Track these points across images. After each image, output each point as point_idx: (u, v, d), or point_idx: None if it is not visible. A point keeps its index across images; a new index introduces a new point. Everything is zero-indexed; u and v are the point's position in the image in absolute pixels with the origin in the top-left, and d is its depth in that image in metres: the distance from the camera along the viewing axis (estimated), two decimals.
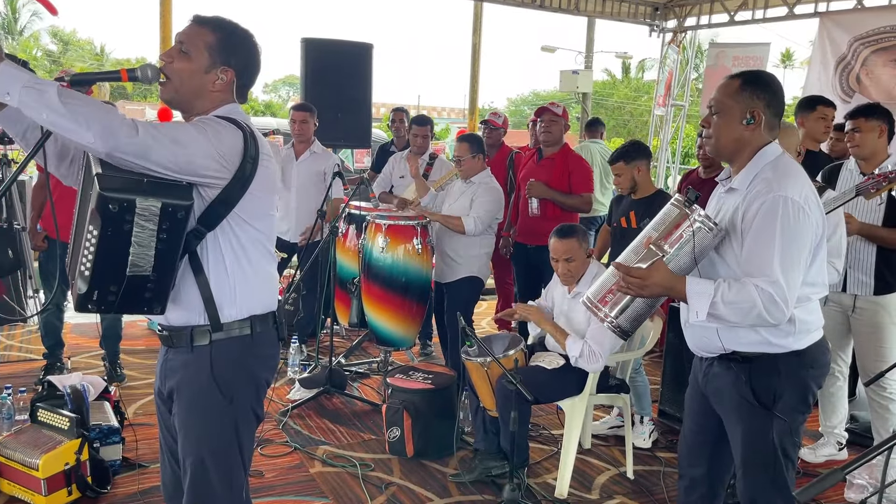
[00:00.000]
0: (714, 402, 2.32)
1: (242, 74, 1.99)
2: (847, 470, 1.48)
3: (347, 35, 17.95)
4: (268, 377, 2.10)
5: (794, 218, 2.01)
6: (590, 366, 3.34)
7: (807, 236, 2.05)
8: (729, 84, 2.18)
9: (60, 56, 34.74)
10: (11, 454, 3.08)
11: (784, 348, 2.16)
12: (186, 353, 1.97)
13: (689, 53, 9.98)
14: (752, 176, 2.13)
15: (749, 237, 2.06)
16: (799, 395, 2.20)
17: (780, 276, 1.99)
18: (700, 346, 2.31)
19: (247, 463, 2.07)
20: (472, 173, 4.45)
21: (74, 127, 1.65)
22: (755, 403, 2.17)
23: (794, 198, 2.02)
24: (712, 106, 2.20)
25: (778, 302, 1.98)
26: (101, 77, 2.03)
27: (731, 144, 2.18)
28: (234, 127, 1.89)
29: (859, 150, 3.53)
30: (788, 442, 2.20)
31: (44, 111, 1.65)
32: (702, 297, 2.03)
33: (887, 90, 6.68)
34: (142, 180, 1.77)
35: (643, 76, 38.32)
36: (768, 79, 2.20)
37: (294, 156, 5.06)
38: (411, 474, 3.59)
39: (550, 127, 4.78)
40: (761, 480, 2.22)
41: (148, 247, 1.77)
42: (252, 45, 2.02)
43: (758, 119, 2.13)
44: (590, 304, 2.26)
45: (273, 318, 2.05)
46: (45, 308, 4.45)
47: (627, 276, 2.08)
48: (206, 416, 1.99)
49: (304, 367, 4.89)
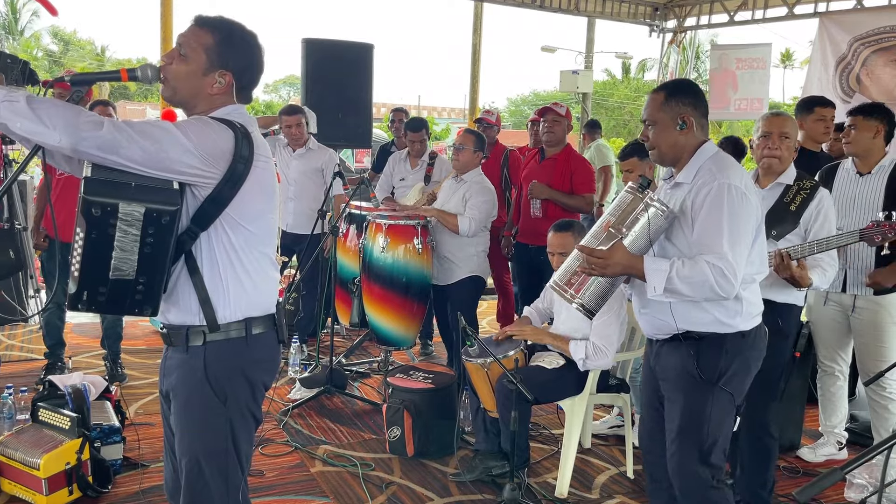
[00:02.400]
0: (660, 379, 2.50)
1: (242, 76, 1.99)
2: (847, 469, 1.49)
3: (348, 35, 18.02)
4: (265, 380, 2.08)
5: (737, 201, 2.23)
6: (598, 362, 3.35)
7: (749, 217, 2.27)
8: (655, 98, 2.41)
9: (61, 56, 34.75)
10: (12, 454, 3.08)
11: (732, 328, 2.36)
12: (182, 353, 1.98)
13: (689, 54, 9.99)
14: (695, 170, 2.35)
15: (699, 220, 2.26)
16: (740, 374, 2.40)
17: (727, 252, 2.18)
18: (655, 328, 2.49)
19: (244, 464, 2.06)
20: (467, 168, 4.45)
21: (42, 129, 1.69)
22: (699, 378, 2.35)
23: (736, 184, 2.25)
24: (646, 121, 2.43)
25: (727, 275, 2.17)
26: (101, 77, 2.04)
27: (670, 150, 2.39)
28: (224, 126, 1.88)
29: (851, 148, 3.52)
30: (719, 418, 2.38)
31: (17, 120, 1.69)
32: (659, 273, 2.21)
33: (887, 90, 6.68)
34: (130, 184, 1.76)
35: (643, 76, 38.32)
36: (688, 85, 2.46)
37: (291, 150, 5.08)
38: (412, 474, 3.60)
39: (553, 127, 4.78)
40: (690, 448, 2.38)
41: (130, 251, 1.77)
42: (252, 47, 2.00)
43: (689, 123, 2.35)
44: (557, 287, 2.41)
45: (272, 321, 2.04)
46: (45, 308, 4.45)
47: (590, 257, 2.26)
48: (201, 416, 1.99)
49: (305, 367, 4.89)
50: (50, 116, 1.69)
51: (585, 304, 2.37)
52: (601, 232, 2.33)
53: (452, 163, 4.53)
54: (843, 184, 3.57)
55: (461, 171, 4.46)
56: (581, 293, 2.36)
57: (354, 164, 11.76)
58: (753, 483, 3.10)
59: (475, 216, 4.32)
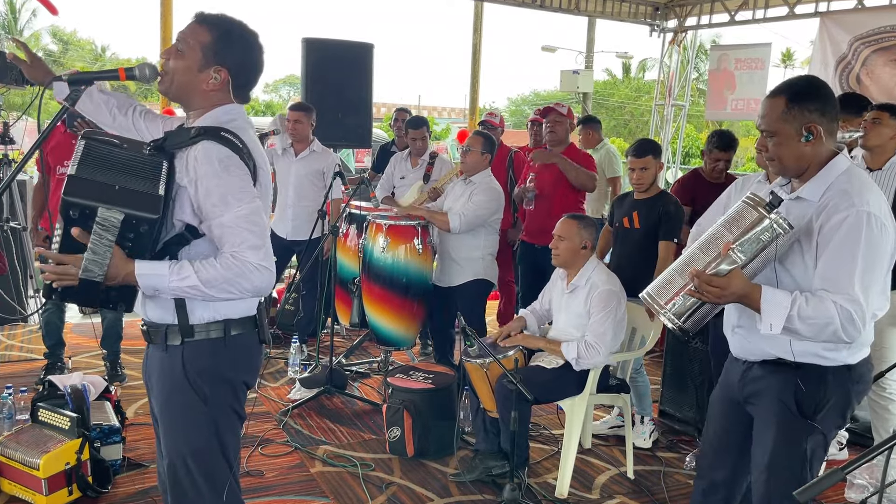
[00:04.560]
0: (750, 404, 2.26)
1: (238, 75, 1.98)
2: (847, 470, 1.48)
3: (348, 35, 18.01)
4: (247, 379, 2.07)
5: (877, 235, 1.94)
6: (591, 360, 3.34)
7: (887, 253, 1.99)
8: (774, 105, 2.06)
9: (61, 56, 34.73)
10: (12, 454, 3.08)
11: (835, 361, 2.10)
12: (162, 352, 1.98)
13: (689, 53, 9.99)
14: (824, 187, 2.03)
15: (828, 251, 1.97)
16: (840, 409, 2.14)
17: (860, 295, 1.92)
18: (746, 350, 2.24)
19: (232, 462, 2.05)
20: (475, 170, 4.37)
21: (231, 298, 1.88)
22: (796, 411, 2.11)
23: (877, 213, 1.96)
24: (763, 129, 2.11)
25: (856, 321, 1.92)
26: (99, 76, 2.03)
27: (795, 164, 2.08)
28: (232, 154, 1.87)
29: (869, 141, 3.53)
30: (817, 455, 2.14)
31: (200, 297, 1.86)
32: (778, 309, 1.94)
33: (887, 89, 6.68)
34: (114, 186, 1.75)
35: (643, 76, 38.31)
36: (814, 87, 2.08)
37: (293, 153, 5.06)
38: (411, 474, 3.59)
39: (555, 127, 4.78)
40: (783, 488, 2.13)
41: (103, 255, 1.74)
42: (250, 46, 2.00)
43: (816, 133, 2.03)
44: (651, 300, 2.13)
45: (253, 323, 2.03)
46: (44, 308, 4.44)
47: (707, 285, 1.97)
48: (182, 415, 1.98)
49: (305, 367, 4.89)
50: (228, 292, 1.83)
51: (684, 328, 2.09)
52: (713, 248, 2.02)
53: (461, 165, 4.48)
54: None
55: (469, 172, 4.40)
56: (684, 319, 2.07)
57: (354, 164, 11.75)
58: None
59: (465, 212, 4.23)
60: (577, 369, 3.38)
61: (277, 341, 5.41)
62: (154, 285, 1.81)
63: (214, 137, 1.86)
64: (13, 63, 2.34)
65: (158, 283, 1.80)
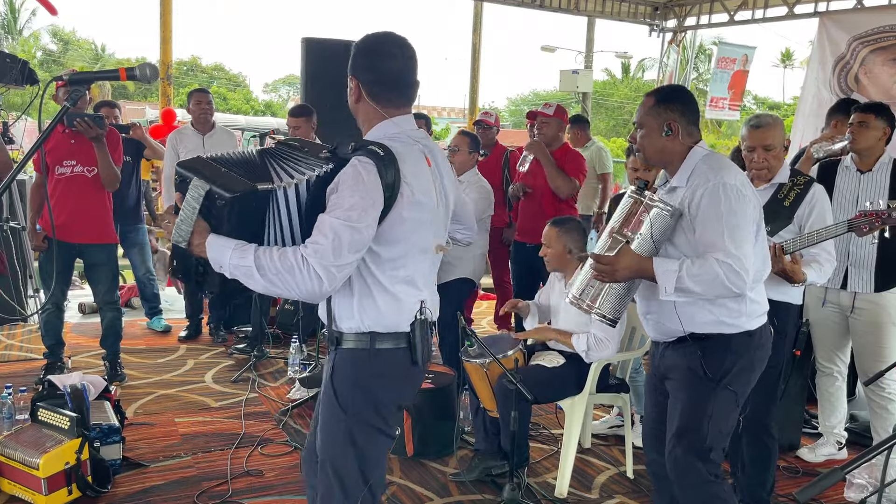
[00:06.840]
0: (668, 378, 2.52)
1: (371, 85, 1.98)
2: (847, 469, 1.48)
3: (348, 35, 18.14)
4: (395, 398, 2.05)
5: (734, 199, 2.25)
6: (601, 353, 3.36)
7: (748, 214, 2.28)
8: (645, 102, 2.45)
9: (60, 56, 34.76)
10: (12, 453, 3.08)
11: (737, 328, 2.39)
12: (332, 353, 2.05)
13: (689, 53, 9.99)
14: (688, 172, 2.37)
15: (699, 221, 2.28)
16: (745, 373, 2.43)
17: (733, 250, 2.19)
18: (660, 332, 2.51)
19: (369, 477, 2.02)
20: (464, 169, 4.44)
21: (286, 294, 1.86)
22: (704, 376, 2.38)
23: (731, 182, 2.27)
24: (635, 122, 2.49)
25: (738, 271, 2.18)
26: (99, 76, 2.03)
27: (656, 154, 2.45)
28: (369, 164, 1.85)
29: (856, 145, 3.52)
30: (722, 416, 2.40)
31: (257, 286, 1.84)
32: (669, 274, 2.22)
33: (885, 89, 6.68)
34: (220, 169, 1.88)
35: (643, 76, 38.33)
36: (679, 92, 2.49)
37: None
38: (411, 474, 3.59)
39: (542, 128, 4.84)
40: (689, 443, 2.39)
41: (187, 222, 1.86)
42: (378, 52, 1.98)
43: (675, 129, 2.38)
44: (575, 300, 2.44)
45: (406, 339, 2.01)
46: (44, 307, 4.44)
47: (598, 263, 2.29)
48: (324, 419, 2.04)
49: (305, 367, 4.89)
50: (272, 283, 1.81)
51: (606, 314, 2.39)
52: (607, 239, 2.36)
53: (451, 164, 4.51)
54: (845, 182, 3.58)
55: (458, 171, 4.44)
56: (599, 303, 2.37)
57: None
58: (753, 483, 3.10)
59: None
60: (587, 361, 3.39)
61: (277, 341, 5.41)
62: (218, 258, 1.83)
63: (363, 151, 1.88)
64: (12, 63, 2.34)
65: (221, 257, 1.83)
